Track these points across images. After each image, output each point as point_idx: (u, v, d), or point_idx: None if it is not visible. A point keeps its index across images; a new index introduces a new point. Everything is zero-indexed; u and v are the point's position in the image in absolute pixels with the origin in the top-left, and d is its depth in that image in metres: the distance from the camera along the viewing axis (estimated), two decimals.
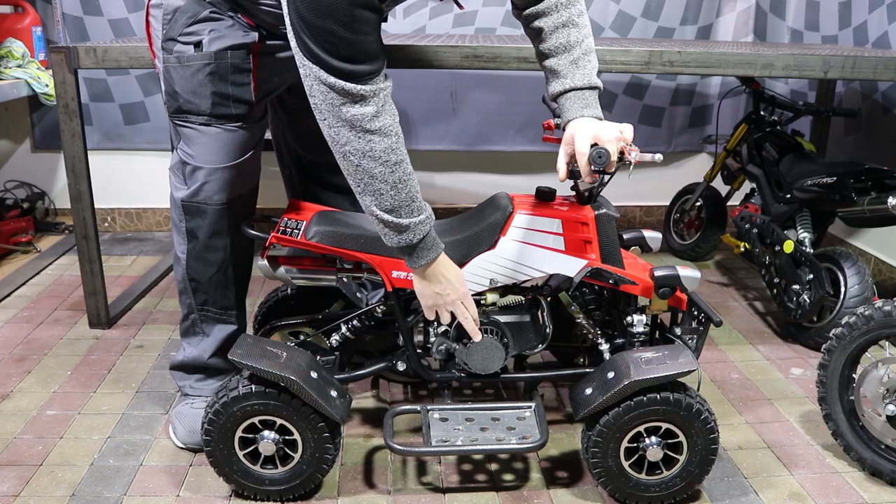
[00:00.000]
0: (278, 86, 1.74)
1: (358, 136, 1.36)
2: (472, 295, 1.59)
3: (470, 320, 1.57)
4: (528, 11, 1.55)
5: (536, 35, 1.56)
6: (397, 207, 1.41)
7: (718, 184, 3.06)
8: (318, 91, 1.34)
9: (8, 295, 2.63)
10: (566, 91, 1.51)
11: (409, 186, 1.41)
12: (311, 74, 1.33)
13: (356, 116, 1.34)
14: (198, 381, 1.82)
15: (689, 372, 1.47)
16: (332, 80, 1.32)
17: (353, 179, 1.41)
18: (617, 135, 1.42)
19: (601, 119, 1.50)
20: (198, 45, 1.56)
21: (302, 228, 1.58)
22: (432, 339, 1.65)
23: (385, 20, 1.64)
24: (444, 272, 1.51)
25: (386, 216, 1.41)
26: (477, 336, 1.59)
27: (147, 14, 1.63)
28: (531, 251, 1.55)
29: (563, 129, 1.51)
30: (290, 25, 1.33)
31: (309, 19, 1.29)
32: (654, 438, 1.53)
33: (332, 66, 1.31)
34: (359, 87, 1.32)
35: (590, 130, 1.43)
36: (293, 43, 1.34)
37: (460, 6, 1.63)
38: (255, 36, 1.59)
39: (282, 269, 1.65)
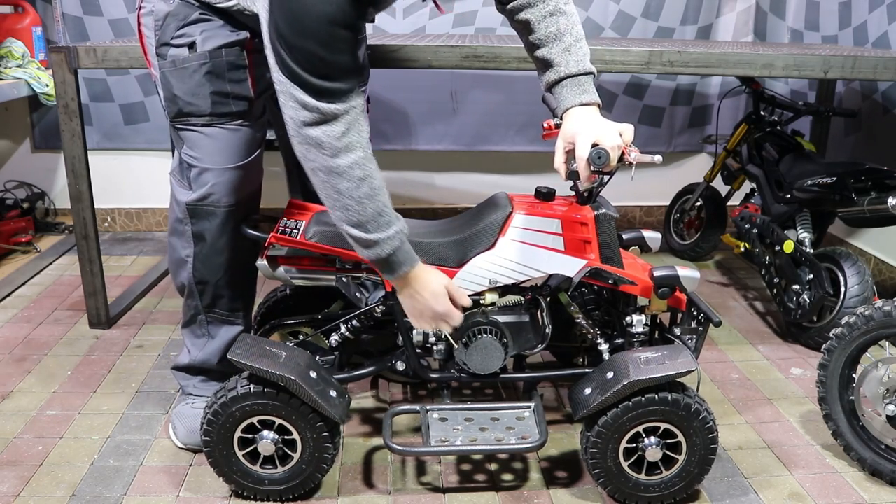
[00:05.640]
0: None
1: (324, 154, 1.36)
2: (471, 295, 1.59)
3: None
4: (512, 5, 1.55)
5: (524, 27, 1.56)
6: (364, 222, 1.40)
7: (718, 184, 3.06)
8: (291, 108, 1.35)
9: (8, 295, 2.63)
10: (561, 79, 1.51)
11: (376, 202, 1.40)
12: (285, 91, 1.34)
13: (325, 133, 1.34)
14: (202, 381, 1.81)
15: (688, 372, 1.47)
16: (305, 98, 1.32)
17: (321, 194, 1.41)
18: (617, 136, 1.43)
19: (598, 103, 1.50)
20: (191, 46, 1.57)
21: (301, 228, 1.58)
22: (431, 339, 1.65)
23: (363, 34, 1.61)
24: (420, 289, 1.50)
25: (354, 231, 1.41)
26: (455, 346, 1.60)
27: (139, 24, 1.63)
28: (530, 251, 1.55)
29: (561, 118, 1.51)
30: (269, 42, 1.33)
31: (289, 38, 1.29)
32: (653, 438, 1.53)
33: (308, 83, 1.31)
34: (331, 105, 1.33)
35: (591, 133, 1.43)
36: (271, 60, 1.34)
37: (440, 9, 1.62)
38: (246, 33, 1.60)
39: (281, 269, 1.65)
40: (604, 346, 1.69)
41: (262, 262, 1.65)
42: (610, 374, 1.50)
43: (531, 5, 1.52)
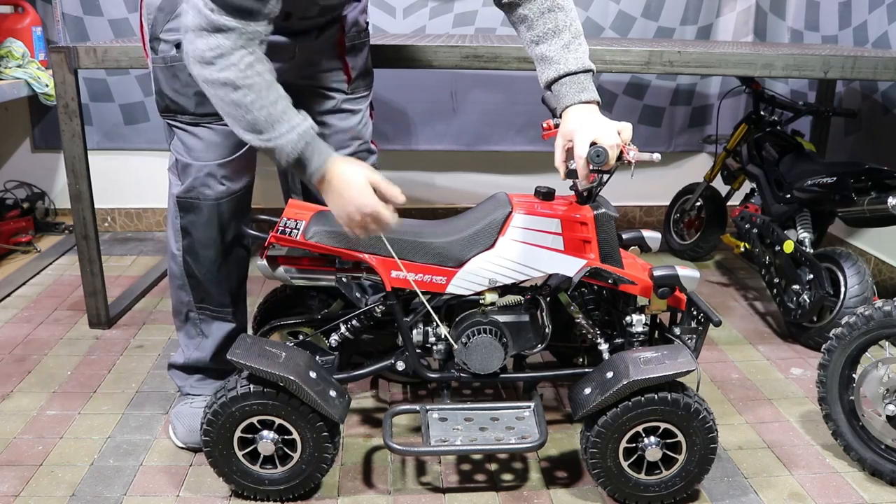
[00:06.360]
0: None
1: (208, 66, 1.35)
2: (471, 295, 1.59)
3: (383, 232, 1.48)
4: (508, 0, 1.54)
5: (522, 22, 1.55)
6: (257, 128, 1.38)
7: (718, 184, 3.06)
8: (189, 16, 1.35)
9: (8, 295, 2.63)
10: (560, 77, 1.50)
11: (266, 109, 1.37)
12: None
13: (210, 46, 1.34)
14: (198, 380, 1.82)
15: (687, 372, 1.47)
16: (200, 4, 1.32)
17: (217, 108, 1.41)
18: (615, 135, 1.43)
19: (598, 101, 1.50)
20: (179, 45, 1.57)
21: (301, 228, 1.58)
22: (431, 339, 1.65)
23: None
24: (339, 185, 1.42)
25: (250, 137, 1.40)
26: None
27: (140, 14, 1.65)
28: (530, 251, 1.55)
29: (560, 116, 1.51)
30: None
31: None
32: (652, 438, 1.53)
33: None
34: (227, 19, 1.32)
35: (589, 131, 1.43)
36: None
37: None
38: None
39: (281, 269, 1.65)
40: (604, 346, 1.68)
41: (262, 262, 1.65)
42: (610, 374, 1.50)
43: (529, 0, 1.52)
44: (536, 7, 1.51)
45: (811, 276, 2.29)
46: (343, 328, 1.71)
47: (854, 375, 1.69)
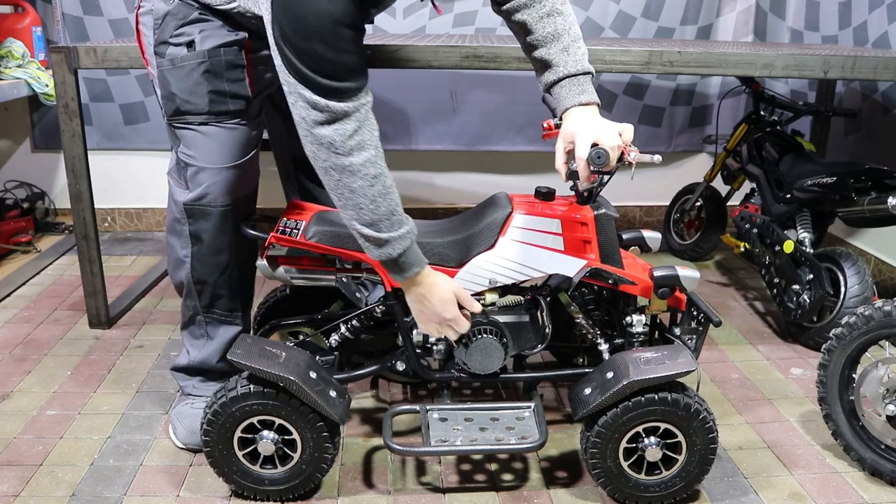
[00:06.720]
0: (273, 82, 1.74)
1: (336, 153, 1.35)
2: (472, 295, 1.59)
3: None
4: (508, 6, 1.55)
5: (521, 28, 1.56)
6: (377, 221, 1.40)
7: (718, 184, 3.06)
8: (301, 108, 1.34)
9: (8, 295, 2.63)
10: (560, 79, 1.51)
11: (388, 200, 1.40)
12: (294, 92, 1.34)
13: (337, 132, 1.34)
14: (201, 381, 1.81)
15: (688, 372, 1.47)
16: (315, 98, 1.32)
17: (334, 194, 1.41)
18: (616, 136, 1.43)
19: (597, 103, 1.51)
20: (190, 44, 1.57)
21: (301, 228, 1.58)
22: (431, 340, 1.65)
23: (363, 31, 1.64)
24: (428, 293, 1.49)
25: (366, 230, 1.41)
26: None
27: (137, 23, 1.63)
28: (530, 251, 1.55)
29: (561, 119, 1.52)
30: (275, 45, 1.33)
31: (293, 40, 1.29)
32: (652, 438, 1.53)
33: (316, 83, 1.31)
34: (341, 104, 1.33)
35: (590, 133, 1.43)
36: (277, 61, 1.34)
37: (438, 10, 1.62)
38: (244, 34, 1.60)
39: (281, 269, 1.65)
40: (604, 346, 1.68)
41: (262, 262, 1.65)
42: (610, 374, 1.50)
43: (528, 6, 1.52)
44: (535, 12, 1.52)
45: (811, 276, 2.29)
46: (343, 328, 1.71)
47: (854, 375, 1.69)
